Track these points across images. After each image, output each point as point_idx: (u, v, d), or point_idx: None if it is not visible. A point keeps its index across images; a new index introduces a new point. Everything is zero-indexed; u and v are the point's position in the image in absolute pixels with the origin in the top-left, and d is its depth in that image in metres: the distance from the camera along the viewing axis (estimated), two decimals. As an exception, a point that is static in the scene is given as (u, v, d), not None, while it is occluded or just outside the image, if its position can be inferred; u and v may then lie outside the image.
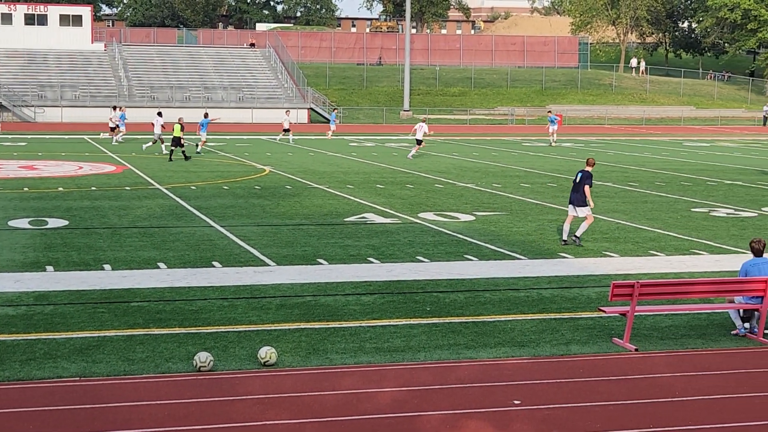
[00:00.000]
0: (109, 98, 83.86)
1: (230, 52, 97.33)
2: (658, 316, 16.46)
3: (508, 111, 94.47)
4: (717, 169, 45.44)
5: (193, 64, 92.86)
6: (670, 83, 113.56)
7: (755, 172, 43.97)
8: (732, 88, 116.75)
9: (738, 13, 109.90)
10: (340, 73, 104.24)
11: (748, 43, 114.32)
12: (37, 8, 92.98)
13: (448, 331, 15.39)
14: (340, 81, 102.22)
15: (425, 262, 21.11)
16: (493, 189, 35.35)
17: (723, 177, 41.23)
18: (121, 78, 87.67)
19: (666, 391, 12.54)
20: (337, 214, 28.11)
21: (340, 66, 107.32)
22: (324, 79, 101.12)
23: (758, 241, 15.97)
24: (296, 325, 15.54)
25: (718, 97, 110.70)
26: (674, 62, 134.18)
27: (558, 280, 19.43)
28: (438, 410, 11.65)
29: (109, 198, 31.02)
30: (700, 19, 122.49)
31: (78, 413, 11.45)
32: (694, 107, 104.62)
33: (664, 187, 36.55)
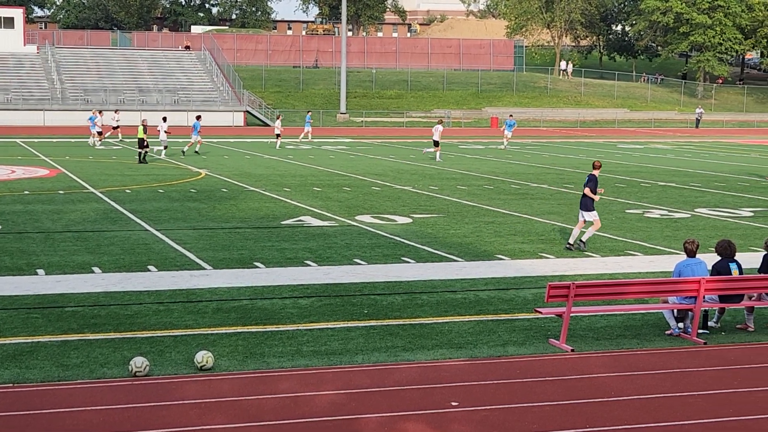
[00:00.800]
0: (41, 101, 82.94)
1: (165, 55, 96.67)
2: (594, 317, 16.59)
3: (445, 114, 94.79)
4: (651, 170, 45.94)
5: (127, 67, 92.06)
6: (605, 86, 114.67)
7: (687, 173, 44.51)
8: (665, 90, 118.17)
9: (670, 17, 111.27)
10: (276, 76, 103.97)
11: (681, 46, 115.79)
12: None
13: (386, 333, 15.38)
14: (277, 84, 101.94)
15: (362, 264, 21.10)
16: (430, 191, 35.44)
17: (656, 179, 41.69)
18: (54, 81, 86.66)
19: (602, 391, 12.64)
20: (274, 217, 28.01)
21: (276, 69, 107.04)
22: (260, 81, 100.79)
23: (691, 242, 16.16)
24: (233, 329, 15.45)
25: (652, 100, 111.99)
26: (608, 65, 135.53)
27: (495, 282, 19.51)
28: (376, 413, 11.63)
29: (43, 202, 30.64)
30: (634, 22, 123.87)
31: (11, 420, 11.27)
32: (627, 110, 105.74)
33: (598, 189, 36.79)
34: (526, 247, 23.65)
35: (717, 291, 15.70)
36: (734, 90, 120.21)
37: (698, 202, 33.39)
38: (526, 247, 23.55)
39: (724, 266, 15.98)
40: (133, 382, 12.69)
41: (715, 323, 16.34)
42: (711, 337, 15.68)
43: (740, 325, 16.34)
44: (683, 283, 15.49)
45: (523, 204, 31.97)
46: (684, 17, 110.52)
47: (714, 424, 11.50)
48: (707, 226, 27.52)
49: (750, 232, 26.55)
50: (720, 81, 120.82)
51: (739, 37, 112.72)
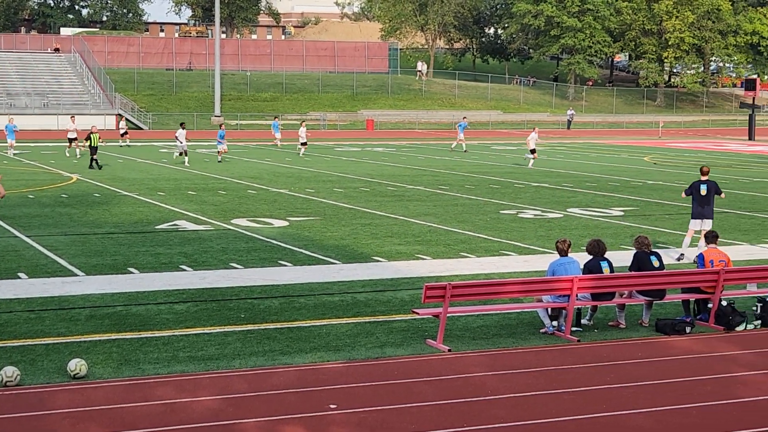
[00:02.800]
0: None
1: (34, 57, 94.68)
2: (470, 317, 16.75)
3: (320, 116, 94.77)
4: (524, 171, 46.61)
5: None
6: (478, 88, 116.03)
7: (559, 174, 45.31)
8: (537, 92, 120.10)
9: (541, 20, 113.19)
10: (148, 79, 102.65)
11: (552, 48, 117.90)
12: None
13: (264, 337, 15.30)
14: (149, 86, 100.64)
15: (239, 268, 20.95)
16: (307, 194, 35.39)
17: (530, 180, 42.32)
18: None
19: (479, 390, 12.76)
20: (148, 222, 27.62)
21: (148, 71, 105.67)
22: (132, 84, 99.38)
23: (563, 242, 16.44)
24: (107, 336, 15.18)
25: (524, 102, 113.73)
26: (482, 67, 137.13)
27: (372, 284, 19.56)
28: (254, 417, 11.55)
29: None
30: (506, 25, 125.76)
31: None
32: (501, 111, 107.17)
33: (473, 190, 37.27)
34: (402, 248, 23.77)
35: (589, 289, 16.00)
36: (604, 92, 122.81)
37: (570, 202, 34.00)
38: (402, 249, 23.67)
39: (595, 265, 16.28)
40: (4, 392, 12.38)
41: (588, 321, 16.65)
42: (584, 334, 15.96)
43: (612, 323, 16.67)
44: (557, 282, 15.74)
45: (399, 206, 32.13)
46: (555, 20, 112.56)
47: (588, 420, 11.70)
48: (579, 226, 28.04)
49: (620, 231, 27.12)
50: (590, 83, 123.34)
51: (608, 40, 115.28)
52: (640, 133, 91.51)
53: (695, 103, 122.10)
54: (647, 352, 14.85)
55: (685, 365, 14.22)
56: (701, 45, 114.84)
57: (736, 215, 30.81)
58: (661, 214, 31.09)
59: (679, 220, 29.30)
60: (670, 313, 17.38)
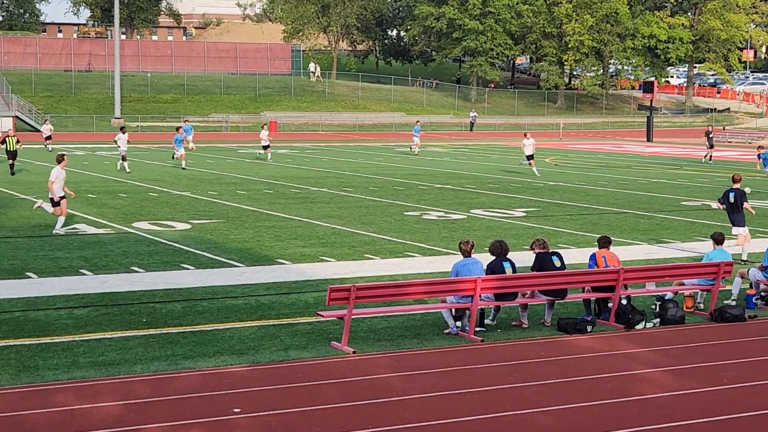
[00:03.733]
0: None
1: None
2: (375, 318, 16.75)
3: (223, 118, 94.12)
4: (427, 173, 46.84)
5: None
6: (381, 90, 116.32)
7: (462, 175, 45.59)
8: (440, 94, 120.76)
9: (443, 22, 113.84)
10: (46, 80, 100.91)
11: (454, 51, 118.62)
12: None
13: (166, 341, 15.12)
14: (47, 88, 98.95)
15: (140, 272, 20.69)
16: (209, 197, 35.10)
17: (433, 181, 42.53)
18: None
19: (384, 392, 12.76)
20: (47, 226, 27.10)
21: (46, 72, 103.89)
22: (30, 86, 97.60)
23: (466, 242, 16.54)
24: (4, 342, 14.86)
25: (427, 104, 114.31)
26: (385, 69, 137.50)
27: (276, 287, 19.46)
28: (157, 423, 11.40)
29: None
30: (408, 27, 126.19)
31: None
32: (404, 113, 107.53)
33: (377, 192, 37.34)
34: (306, 250, 23.70)
35: (492, 290, 16.11)
36: (506, 94, 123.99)
37: (473, 203, 34.23)
38: (306, 251, 23.60)
39: (498, 265, 16.41)
40: None
41: (492, 321, 16.77)
42: (488, 334, 16.07)
43: (515, 322, 16.82)
44: (460, 283, 15.83)
45: (303, 208, 32.05)
46: (457, 23, 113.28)
47: (492, 419, 11.78)
48: (482, 227, 28.25)
49: (523, 231, 27.39)
50: (492, 85, 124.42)
51: (510, 43, 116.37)
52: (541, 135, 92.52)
53: (595, 105, 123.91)
54: (549, 352, 15.01)
55: (586, 364, 14.40)
56: (600, 48, 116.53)
57: (635, 215, 31.33)
58: (562, 215, 31.47)
59: (579, 221, 29.70)
60: (571, 312, 17.59)
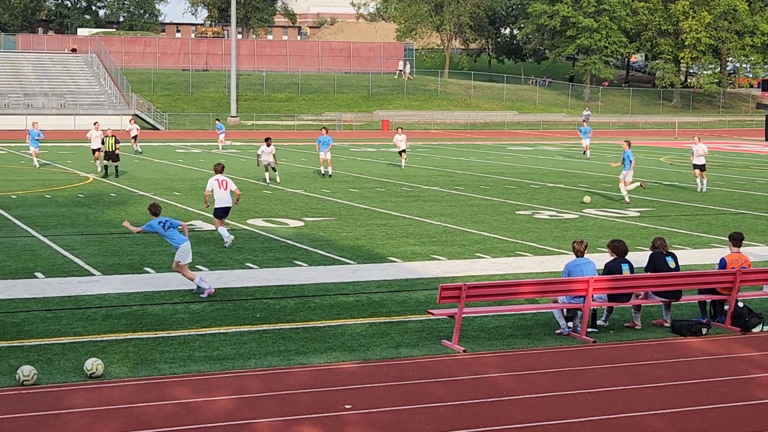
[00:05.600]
0: None
1: (51, 58, 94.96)
2: (485, 318, 16.73)
3: (336, 116, 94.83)
4: (540, 172, 46.53)
5: (12, 70, 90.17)
6: (494, 89, 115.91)
7: (575, 175, 45.20)
8: (553, 93, 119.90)
9: (557, 20, 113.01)
10: (165, 79, 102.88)
11: (568, 49, 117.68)
12: None
13: (279, 337, 15.31)
14: (166, 87, 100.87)
15: (254, 268, 20.98)
16: (322, 194, 35.40)
17: (545, 180, 42.24)
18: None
19: (494, 391, 12.75)
20: (164, 222, 27.62)
21: (165, 72, 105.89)
22: (149, 85, 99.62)
23: (580, 242, 16.41)
24: (123, 336, 15.23)
25: (540, 102, 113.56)
26: (497, 68, 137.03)
27: (387, 284, 19.55)
28: (269, 417, 11.56)
29: (-76, 208, 29.84)
30: (522, 26, 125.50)
31: None
32: (516, 112, 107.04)
33: (489, 191, 37.23)
34: (417, 249, 23.76)
35: (605, 290, 15.96)
36: (620, 92, 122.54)
37: (586, 202, 33.87)
38: (417, 249, 23.66)
39: (616, 266, 16.24)
40: (21, 391, 12.43)
41: (604, 322, 16.62)
42: (600, 335, 15.93)
43: (628, 324, 16.63)
44: (572, 283, 15.71)
45: (414, 206, 32.13)
46: (571, 21, 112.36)
47: (603, 422, 11.68)
48: (595, 227, 27.97)
49: (636, 231, 27.05)
50: (606, 84, 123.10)
51: (624, 41, 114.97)
52: (656, 134, 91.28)
53: (711, 104, 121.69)
54: (663, 354, 14.82)
55: (701, 366, 14.18)
56: (718, 45, 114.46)
57: (753, 216, 30.70)
58: (677, 215, 30.99)
59: (694, 221, 29.23)
60: (686, 314, 17.34)
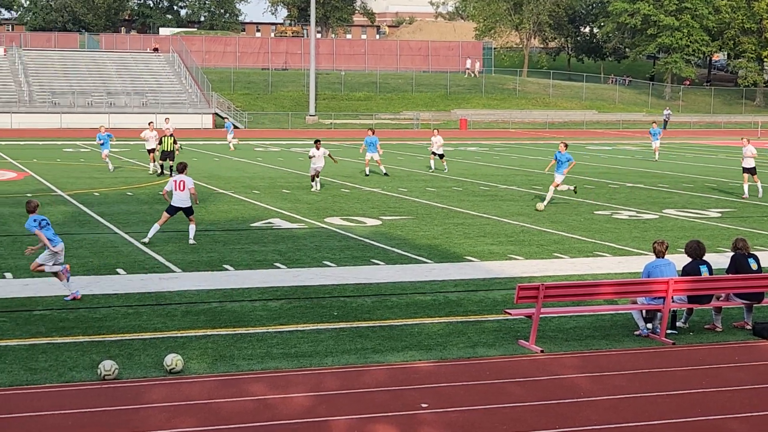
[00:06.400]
0: (9, 104, 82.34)
1: (133, 57, 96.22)
2: (563, 318, 16.64)
3: (414, 115, 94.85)
4: (619, 172, 46.11)
5: (95, 69, 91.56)
6: (573, 87, 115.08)
7: (655, 174, 44.72)
8: (633, 92, 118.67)
9: (638, 19, 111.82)
10: (245, 78, 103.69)
11: (648, 47, 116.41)
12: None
13: (356, 335, 15.37)
14: (245, 86, 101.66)
15: (332, 266, 21.08)
16: (399, 193, 35.44)
17: (625, 180, 41.85)
18: (21, 83, 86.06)
19: (571, 392, 12.68)
20: (243, 220, 27.93)
21: (244, 71, 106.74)
22: (229, 84, 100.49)
23: (660, 243, 16.24)
24: (202, 332, 15.40)
25: (620, 101, 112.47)
26: (577, 67, 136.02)
27: (464, 284, 19.53)
28: (346, 415, 11.62)
29: (10, 205, 30.40)
30: (602, 24, 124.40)
31: (-22, 425, 11.20)
32: (596, 111, 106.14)
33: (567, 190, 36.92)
34: (495, 248, 23.69)
35: (685, 291, 15.78)
36: (701, 92, 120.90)
37: (666, 203, 33.54)
38: (495, 249, 23.60)
39: (694, 268, 16.05)
40: (102, 385, 12.63)
41: (684, 323, 16.43)
42: (679, 337, 15.76)
43: (708, 326, 16.43)
44: (652, 284, 15.55)
45: (492, 205, 32.03)
46: (651, 19, 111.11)
47: (682, 424, 11.56)
48: (675, 227, 27.66)
49: (717, 232, 26.70)
50: (687, 83, 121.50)
51: (706, 39, 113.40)
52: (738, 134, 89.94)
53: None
54: (744, 356, 14.62)
55: (783, 370, 13.96)
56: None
57: (838, 218, 30.12)
58: (759, 216, 30.53)
59: (778, 223, 28.76)
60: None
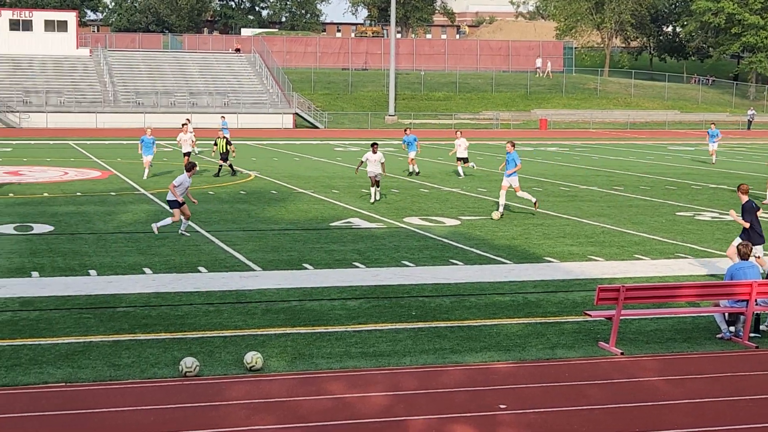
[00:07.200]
0: (94, 104, 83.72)
1: (215, 58, 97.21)
2: (644, 320, 16.48)
3: (493, 115, 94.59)
4: (701, 173, 45.54)
5: (178, 70, 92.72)
6: (655, 87, 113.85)
7: (738, 175, 44.06)
8: (716, 92, 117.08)
9: (722, 18, 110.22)
10: (325, 78, 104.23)
11: (732, 47, 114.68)
12: (22, 14, 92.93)
13: (434, 335, 15.38)
14: (326, 86, 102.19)
15: (411, 266, 21.11)
16: (479, 193, 35.36)
17: (707, 181, 41.32)
18: (106, 83, 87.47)
19: (652, 395, 12.56)
20: (323, 219, 28.09)
21: (325, 71, 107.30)
22: (309, 84, 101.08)
23: (745, 245, 16.03)
24: (282, 330, 15.52)
25: (703, 101, 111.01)
26: (659, 66, 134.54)
27: (543, 284, 19.44)
28: (424, 415, 11.64)
29: (95, 203, 30.93)
30: (685, 23, 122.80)
31: (63, 419, 11.41)
32: (678, 111, 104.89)
33: (648, 191, 36.62)
34: (575, 249, 23.55)
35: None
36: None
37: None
38: (575, 250, 23.45)
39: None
40: (183, 382, 12.80)
41: (767, 327, 16.19)
42: (763, 340, 15.54)
43: (792, 329, 16.18)
44: (735, 287, 15.35)
45: (572, 206, 31.83)
46: (736, 18, 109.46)
47: (764, 429, 11.40)
48: (759, 229, 27.20)
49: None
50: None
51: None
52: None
53: None
54: (829, 361, 14.37)
55: None
56: None
57: None
58: None
59: None
60: None
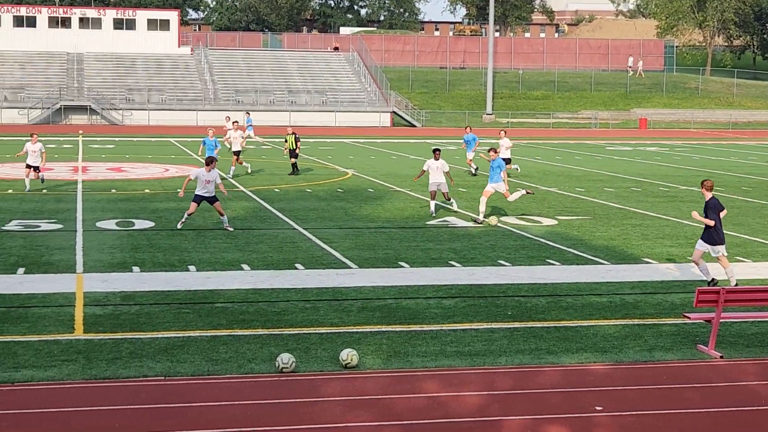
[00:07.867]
0: (195, 101, 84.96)
1: (314, 56, 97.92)
2: (744, 323, 16.20)
3: (592, 115, 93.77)
4: (806, 174, 44.60)
5: (277, 68, 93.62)
6: (758, 87, 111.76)
7: None
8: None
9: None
10: (422, 77, 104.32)
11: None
12: (126, 13, 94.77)
13: (530, 335, 15.31)
14: (423, 84, 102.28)
15: (507, 266, 21.03)
16: (576, 193, 35.09)
17: (812, 182, 40.46)
18: (206, 81, 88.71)
19: (752, 399, 12.35)
20: (419, 218, 28.12)
21: (423, 70, 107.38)
22: (407, 82, 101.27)
23: None
24: (377, 328, 15.58)
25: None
26: (763, 65, 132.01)
27: (641, 286, 19.22)
28: (519, 415, 11.60)
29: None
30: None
31: (162, 412, 11.61)
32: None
33: (751, 192, 35.97)
34: (674, 250, 23.24)
35: None
36: None
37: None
38: (674, 251, 23.14)
39: None
40: (280, 378, 12.92)
41: None
42: None
43: None
44: (839, 291, 15.02)
45: (671, 207, 31.41)
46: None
47: None
48: None
49: None
50: None
51: None
52: None
53: None
54: None
55: None
56: None
57: None
58: None
59: None
60: None
